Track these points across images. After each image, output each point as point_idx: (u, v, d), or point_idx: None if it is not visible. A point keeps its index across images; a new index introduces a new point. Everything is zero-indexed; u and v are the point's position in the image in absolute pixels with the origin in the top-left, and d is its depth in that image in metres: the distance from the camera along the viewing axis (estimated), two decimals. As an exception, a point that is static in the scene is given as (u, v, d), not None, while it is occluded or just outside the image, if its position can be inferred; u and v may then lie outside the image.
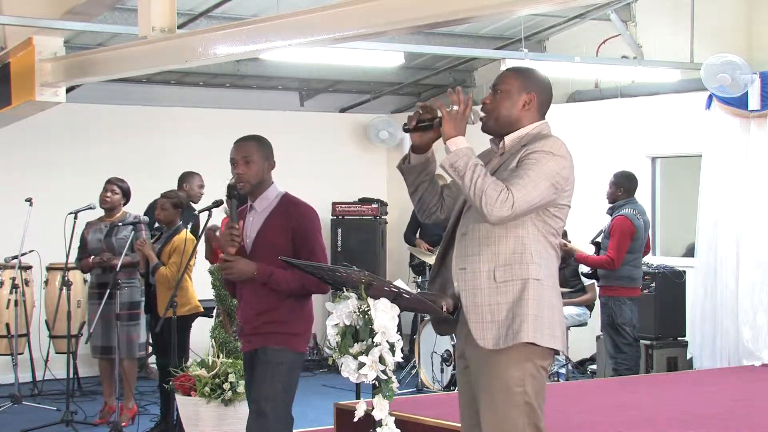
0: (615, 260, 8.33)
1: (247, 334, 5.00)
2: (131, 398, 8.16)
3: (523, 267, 3.79)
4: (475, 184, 3.71)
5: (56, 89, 7.27)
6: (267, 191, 5.02)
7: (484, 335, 3.81)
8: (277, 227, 4.94)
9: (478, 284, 3.83)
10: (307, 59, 9.39)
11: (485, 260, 3.82)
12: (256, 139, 5.07)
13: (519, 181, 3.73)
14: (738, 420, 6.66)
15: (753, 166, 9.33)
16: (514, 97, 3.93)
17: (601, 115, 11.00)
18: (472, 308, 3.84)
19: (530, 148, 3.82)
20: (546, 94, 4.00)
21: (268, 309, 4.92)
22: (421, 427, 6.22)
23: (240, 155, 4.97)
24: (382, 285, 3.92)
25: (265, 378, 4.89)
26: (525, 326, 3.76)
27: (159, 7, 6.06)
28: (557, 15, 10.67)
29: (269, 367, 4.89)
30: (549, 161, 3.78)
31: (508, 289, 3.79)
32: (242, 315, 5.05)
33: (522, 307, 3.77)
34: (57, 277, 9.19)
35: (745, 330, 9.28)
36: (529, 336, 3.76)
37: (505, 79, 3.97)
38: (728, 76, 9.09)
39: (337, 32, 5.14)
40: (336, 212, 11.62)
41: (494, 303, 3.80)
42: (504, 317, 3.78)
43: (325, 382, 10.17)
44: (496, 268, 3.80)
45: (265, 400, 4.86)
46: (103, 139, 10.75)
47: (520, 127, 3.94)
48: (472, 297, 3.85)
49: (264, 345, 4.92)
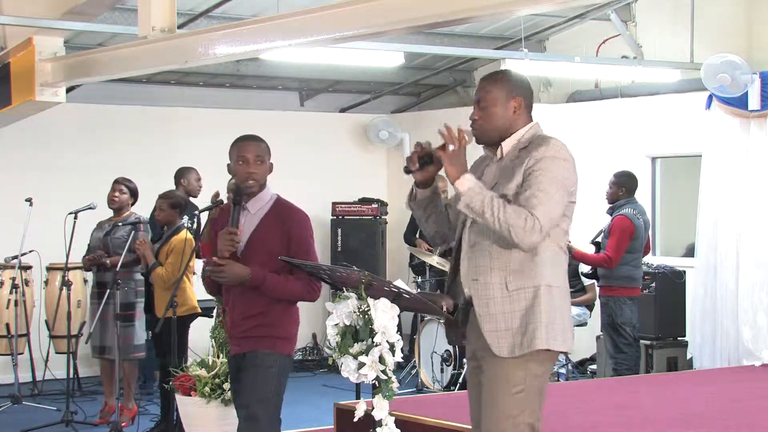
0: (613, 259, 8.32)
1: (237, 337, 4.95)
2: (131, 399, 8.17)
3: (534, 274, 3.84)
4: (498, 219, 3.75)
5: (56, 89, 7.28)
6: (262, 193, 4.97)
7: (500, 344, 3.85)
8: (272, 230, 4.89)
9: (491, 294, 3.86)
10: (307, 59, 9.39)
11: (496, 270, 3.86)
12: (263, 140, 5.03)
13: (536, 201, 3.76)
14: (738, 420, 6.66)
15: (753, 166, 9.33)
16: (503, 106, 3.94)
17: (601, 115, 11.00)
18: (486, 318, 3.87)
19: (534, 156, 3.84)
20: (530, 93, 4.03)
21: (258, 313, 4.87)
22: (421, 427, 6.22)
23: (253, 154, 4.91)
24: (382, 285, 3.93)
25: (256, 381, 4.85)
26: (539, 333, 3.82)
27: (159, 7, 6.06)
28: (557, 15, 10.67)
29: (260, 370, 4.85)
30: (556, 167, 3.82)
31: (520, 297, 3.84)
32: (231, 318, 5.01)
33: (535, 314, 3.83)
34: (57, 277, 9.19)
35: (745, 330, 9.28)
36: (543, 343, 3.83)
37: (488, 91, 3.97)
38: (728, 76, 9.10)
39: (337, 32, 5.14)
40: (336, 212, 11.61)
41: (507, 311, 3.84)
42: (518, 325, 3.83)
43: (325, 382, 10.17)
44: (507, 277, 3.85)
45: (257, 403, 4.82)
46: (103, 139, 10.75)
47: (513, 132, 3.96)
48: (485, 307, 3.87)
49: (254, 349, 4.88)
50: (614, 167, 9.04)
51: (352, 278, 3.94)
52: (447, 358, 9.20)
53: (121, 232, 8.02)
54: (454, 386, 9.07)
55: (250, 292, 4.85)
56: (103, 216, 8.32)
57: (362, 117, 12.39)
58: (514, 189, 3.84)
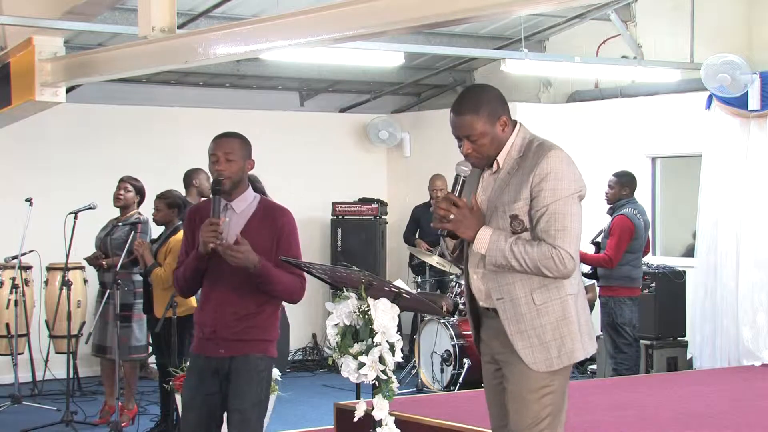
0: (613, 259, 8.32)
1: (227, 339, 4.77)
2: (131, 399, 8.16)
3: (559, 285, 3.86)
4: (527, 266, 3.78)
5: (56, 89, 7.27)
6: (245, 193, 4.87)
7: (535, 359, 3.85)
8: (260, 229, 4.80)
9: (519, 311, 3.86)
10: (307, 59, 9.39)
11: (520, 286, 3.85)
12: (239, 137, 4.92)
13: (555, 231, 3.79)
14: (738, 420, 6.67)
15: (753, 166, 9.34)
16: (492, 131, 3.89)
17: (601, 115, 11.00)
18: (518, 336, 3.86)
19: (537, 174, 3.81)
20: (503, 100, 3.97)
21: (250, 313, 4.77)
22: (421, 427, 6.23)
23: (221, 151, 4.80)
24: (382, 285, 3.93)
25: (251, 385, 4.75)
26: (577, 345, 3.88)
27: (159, 7, 6.05)
28: (557, 15, 10.67)
29: (253, 374, 4.76)
30: (564, 183, 3.82)
31: (549, 310, 3.85)
32: (215, 316, 4.81)
33: (568, 325, 3.87)
34: (57, 277, 9.19)
35: (745, 330, 9.29)
36: (582, 354, 3.90)
37: (474, 127, 3.88)
38: (728, 76, 9.10)
39: (337, 32, 5.14)
40: (336, 212, 11.62)
41: (538, 326, 3.85)
42: (551, 337, 3.85)
43: (325, 382, 10.17)
44: (533, 292, 3.85)
45: (251, 407, 4.74)
46: (103, 139, 10.75)
47: (504, 144, 3.93)
48: (515, 324, 3.87)
49: (246, 353, 4.76)
50: (614, 167, 9.04)
51: (352, 278, 3.94)
52: (447, 358, 9.20)
53: (120, 233, 8.02)
54: (454, 386, 9.07)
55: (242, 289, 4.74)
56: (105, 216, 8.33)
57: (362, 117, 12.39)
58: (524, 208, 3.82)
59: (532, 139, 3.92)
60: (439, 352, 9.30)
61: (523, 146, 3.89)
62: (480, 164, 3.95)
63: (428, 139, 11.89)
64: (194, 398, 4.80)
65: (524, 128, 3.97)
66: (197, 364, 4.86)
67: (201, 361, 4.83)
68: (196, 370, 4.85)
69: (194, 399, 4.80)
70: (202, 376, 4.80)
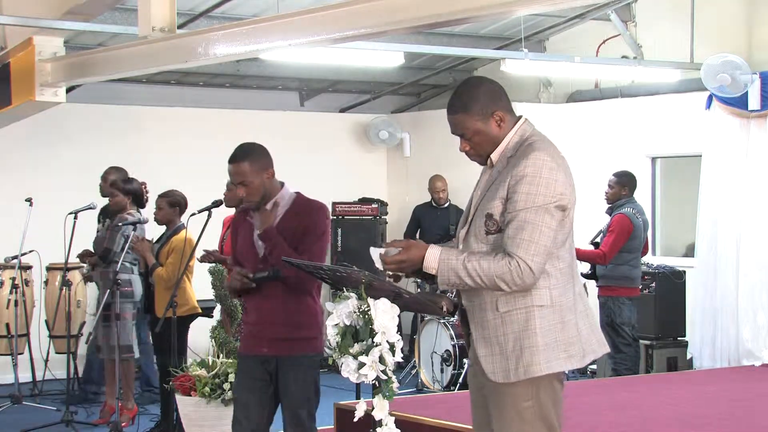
0: (607, 255, 8.31)
1: (271, 339, 4.98)
2: (131, 398, 8.16)
3: (524, 294, 3.65)
4: (483, 282, 3.61)
5: (56, 89, 7.29)
6: (277, 196, 5.02)
7: (494, 369, 3.70)
8: (290, 227, 4.96)
9: (485, 316, 3.73)
10: (307, 59, 9.39)
11: (487, 291, 3.69)
12: (247, 156, 4.97)
13: (519, 241, 3.58)
14: (738, 420, 6.67)
15: (753, 166, 9.34)
16: (486, 128, 3.75)
17: (601, 115, 11.00)
18: (481, 342, 3.75)
19: (514, 174, 3.64)
20: (503, 97, 3.80)
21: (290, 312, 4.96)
22: (421, 427, 6.23)
23: (237, 181, 4.97)
24: (382, 285, 3.92)
25: (297, 383, 4.96)
26: (536, 359, 3.64)
27: (159, 7, 6.07)
28: (557, 15, 10.67)
29: (299, 373, 4.96)
30: (538, 190, 3.60)
31: (512, 319, 3.67)
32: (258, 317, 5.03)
33: (530, 338, 3.64)
34: (57, 277, 9.18)
35: (745, 330, 9.29)
36: (541, 369, 3.65)
37: (465, 126, 3.76)
38: (728, 76, 9.10)
39: (337, 32, 5.15)
40: (336, 212, 11.61)
41: (501, 334, 3.69)
42: (511, 348, 3.66)
43: (325, 382, 10.11)
44: (498, 299, 3.68)
45: (300, 406, 4.96)
46: (103, 139, 10.74)
47: (502, 140, 3.78)
48: (480, 330, 3.75)
49: (290, 353, 4.95)
50: (614, 167, 9.04)
51: (352, 278, 3.93)
52: (447, 358, 9.20)
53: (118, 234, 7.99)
54: (454, 386, 9.07)
55: (285, 290, 4.93)
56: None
57: (362, 117, 12.39)
58: (499, 207, 3.67)
59: (530, 137, 3.75)
60: (439, 352, 9.30)
61: (518, 145, 3.74)
62: (480, 161, 3.87)
63: (428, 139, 11.89)
64: (248, 396, 5.04)
65: (527, 125, 3.79)
66: (246, 364, 5.10)
67: (249, 361, 5.07)
68: (245, 370, 5.11)
69: (248, 396, 5.04)
70: (251, 373, 5.04)
